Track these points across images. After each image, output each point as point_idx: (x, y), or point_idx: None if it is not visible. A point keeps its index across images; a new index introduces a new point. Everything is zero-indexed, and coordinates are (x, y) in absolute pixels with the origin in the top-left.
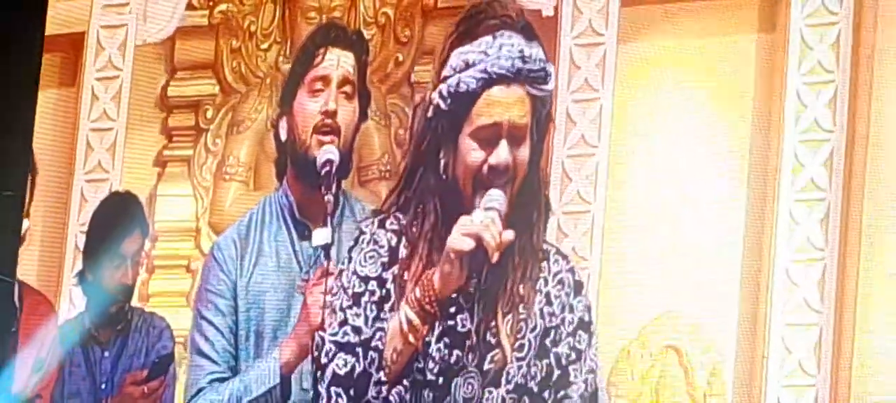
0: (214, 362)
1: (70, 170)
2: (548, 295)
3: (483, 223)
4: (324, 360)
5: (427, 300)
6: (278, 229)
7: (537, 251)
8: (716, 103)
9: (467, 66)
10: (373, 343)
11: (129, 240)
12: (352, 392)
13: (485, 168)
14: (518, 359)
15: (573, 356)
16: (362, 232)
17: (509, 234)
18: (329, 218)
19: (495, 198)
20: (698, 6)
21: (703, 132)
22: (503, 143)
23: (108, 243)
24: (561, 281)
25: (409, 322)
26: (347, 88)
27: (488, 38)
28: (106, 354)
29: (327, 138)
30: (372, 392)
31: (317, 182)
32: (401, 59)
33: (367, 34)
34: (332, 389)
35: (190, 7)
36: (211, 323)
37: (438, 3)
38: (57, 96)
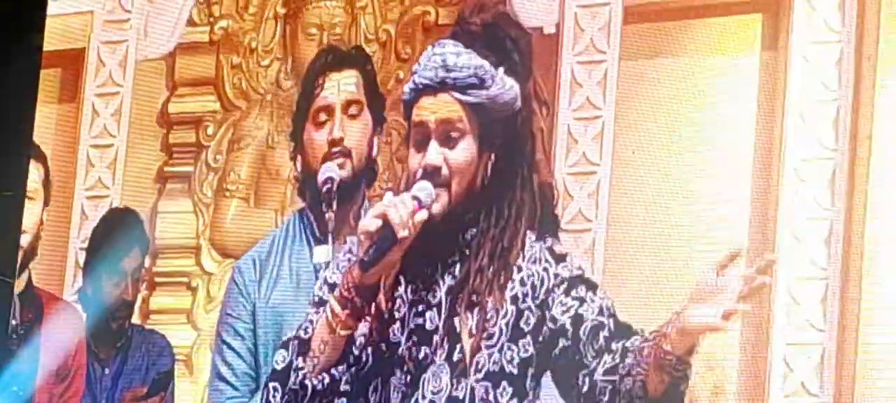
0: (234, 387)
1: (70, 186)
2: (521, 279)
3: (391, 202)
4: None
5: (345, 286)
6: (300, 248)
7: (507, 252)
8: (717, 121)
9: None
10: (296, 333)
11: (129, 256)
12: (283, 384)
13: (419, 171)
14: (488, 347)
15: (574, 305)
16: (344, 242)
17: (423, 215)
18: (330, 236)
19: (421, 187)
20: (700, 24)
21: (705, 150)
22: (432, 144)
23: (108, 259)
24: (535, 259)
25: (332, 310)
26: (354, 109)
27: (428, 50)
28: (106, 371)
29: (338, 162)
30: (292, 379)
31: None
32: (402, 76)
33: (367, 51)
34: (271, 384)
35: (190, 23)
36: (230, 346)
37: (439, 20)
38: (57, 112)
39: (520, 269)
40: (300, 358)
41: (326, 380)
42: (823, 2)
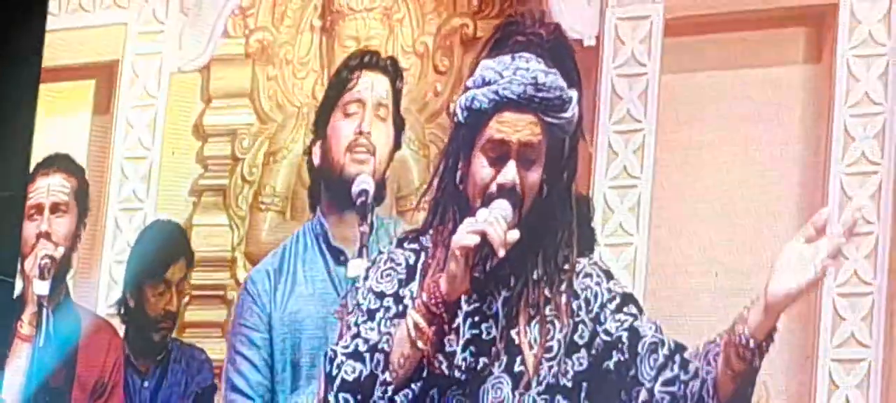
0: (249, 398)
1: (104, 199)
2: (575, 291)
3: (487, 220)
4: (334, 372)
5: (433, 302)
6: (313, 257)
7: (561, 267)
8: (760, 135)
9: (484, 82)
10: (379, 346)
11: (174, 267)
12: (359, 396)
13: (493, 186)
14: (547, 360)
15: (629, 320)
16: (380, 252)
17: (515, 234)
18: (364, 249)
19: (500, 205)
20: (742, 36)
21: (748, 164)
22: (511, 163)
23: (153, 269)
24: (588, 274)
25: (416, 325)
26: (381, 111)
27: (507, 58)
28: (145, 384)
29: (362, 156)
30: (378, 392)
31: (351, 204)
32: (439, 88)
33: (404, 63)
34: (341, 395)
35: (226, 35)
36: (245, 357)
37: (477, 33)
38: (91, 123)
39: (572, 282)
40: (387, 373)
41: (410, 396)
42: (868, 14)
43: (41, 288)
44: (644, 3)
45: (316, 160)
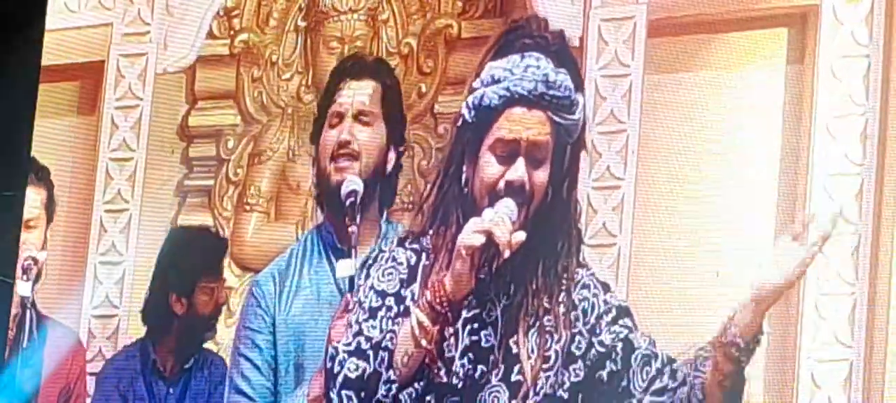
0: (252, 399)
1: (89, 200)
2: (573, 301)
3: (493, 221)
4: (336, 369)
5: (438, 301)
6: (319, 261)
7: (560, 278)
8: (743, 136)
9: (494, 81)
10: (383, 344)
11: (223, 263)
12: (362, 393)
13: (501, 183)
14: (545, 370)
15: (624, 332)
16: (382, 251)
17: (521, 235)
18: (353, 250)
19: (507, 205)
20: (725, 37)
21: (730, 164)
22: (520, 161)
23: (211, 268)
24: (585, 286)
25: (420, 324)
26: (365, 118)
27: (516, 57)
28: (171, 391)
29: (344, 163)
30: (382, 391)
31: (342, 210)
32: (424, 89)
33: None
34: (343, 392)
35: (210, 36)
36: (248, 359)
37: (462, 34)
38: (76, 124)
39: (569, 292)
40: (391, 371)
41: (413, 395)
42: (850, 15)
43: (24, 289)
44: (628, 4)
45: (313, 173)
